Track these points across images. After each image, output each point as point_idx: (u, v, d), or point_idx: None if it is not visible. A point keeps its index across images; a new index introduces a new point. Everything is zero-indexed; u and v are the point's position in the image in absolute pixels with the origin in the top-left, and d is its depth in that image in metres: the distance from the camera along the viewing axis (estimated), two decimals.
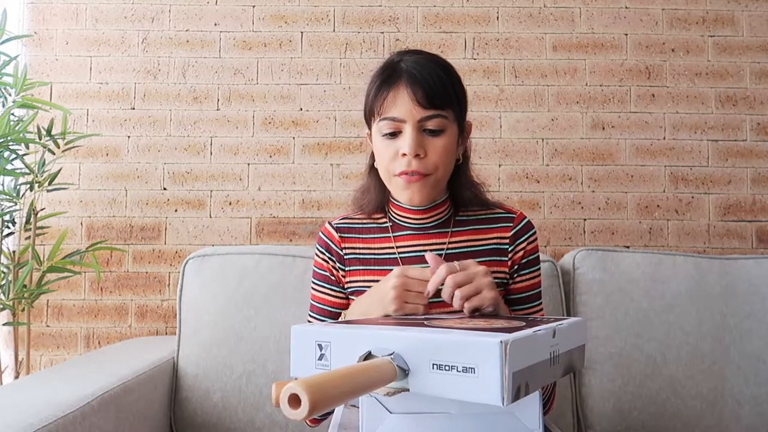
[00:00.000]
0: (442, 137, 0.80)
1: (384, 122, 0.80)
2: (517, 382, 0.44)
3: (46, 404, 0.83)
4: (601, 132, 1.61)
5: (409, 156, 0.78)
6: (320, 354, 0.54)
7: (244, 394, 1.23)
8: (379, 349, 0.50)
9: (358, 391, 0.42)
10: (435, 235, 0.88)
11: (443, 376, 0.46)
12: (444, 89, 0.79)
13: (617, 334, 1.27)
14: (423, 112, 0.78)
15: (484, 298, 0.68)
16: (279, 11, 1.62)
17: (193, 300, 1.29)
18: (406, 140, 0.78)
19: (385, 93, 0.80)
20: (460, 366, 0.45)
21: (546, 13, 1.63)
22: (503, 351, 0.43)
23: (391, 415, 0.56)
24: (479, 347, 0.44)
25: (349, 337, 0.53)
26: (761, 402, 1.24)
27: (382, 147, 0.81)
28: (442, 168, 0.81)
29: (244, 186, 1.59)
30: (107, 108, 1.60)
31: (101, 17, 1.61)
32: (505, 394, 0.43)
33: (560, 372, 0.55)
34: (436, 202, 0.88)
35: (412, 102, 0.78)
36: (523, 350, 0.46)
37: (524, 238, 0.88)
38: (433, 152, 0.79)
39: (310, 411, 0.36)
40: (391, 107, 0.79)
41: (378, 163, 0.85)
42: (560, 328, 0.55)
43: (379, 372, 0.45)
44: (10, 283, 1.36)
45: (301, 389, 0.36)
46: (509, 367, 0.43)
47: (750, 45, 1.62)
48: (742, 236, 1.59)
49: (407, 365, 0.48)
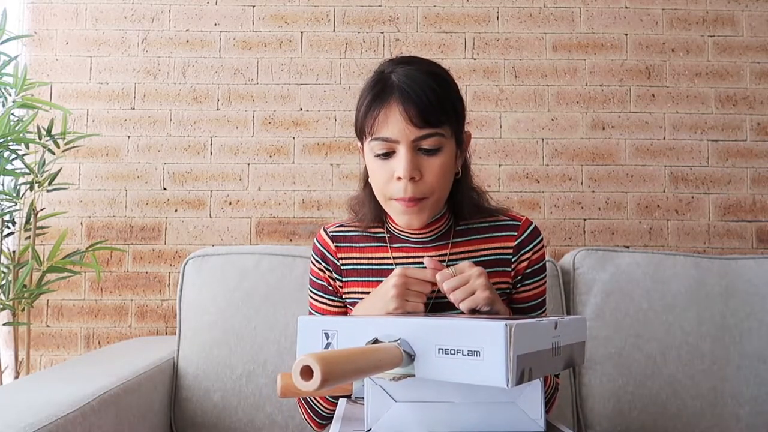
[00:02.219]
0: (439, 156, 0.75)
1: (376, 143, 0.74)
2: (521, 366, 0.46)
3: (46, 404, 0.83)
4: (601, 132, 1.61)
5: (405, 180, 0.73)
6: (327, 342, 0.55)
7: (244, 394, 1.23)
8: (385, 335, 0.51)
9: (368, 370, 0.43)
10: (435, 248, 0.84)
11: (449, 361, 0.47)
12: (439, 105, 0.73)
13: (617, 334, 1.27)
14: (417, 132, 0.72)
15: (478, 298, 0.69)
16: (279, 11, 1.62)
17: (193, 300, 1.29)
18: (401, 163, 0.73)
19: (376, 111, 0.74)
20: (465, 350, 0.46)
21: (546, 13, 1.63)
22: (508, 333, 0.44)
23: (396, 403, 0.57)
24: (485, 330, 0.46)
25: (355, 325, 0.54)
26: (761, 402, 1.24)
27: (375, 168, 0.76)
28: (439, 189, 0.77)
29: (244, 186, 1.59)
30: (107, 108, 1.60)
31: (101, 17, 1.61)
32: (510, 375, 0.44)
33: (561, 364, 0.56)
34: (435, 217, 0.84)
35: (405, 121, 0.72)
36: (527, 335, 0.47)
37: (529, 247, 0.84)
38: (430, 173, 0.74)
39: (322, 382, 0.37)
40: (383, 127, 0.73)
41: (372, 182, 0.80)
42: (562, 321, 0.56)
43: (387, 354, 0.46)
44: (10, 283, 1.36)
45: (314, 360, 0.37)
46: (514, 350, 0.44)
47: (750, 45, 1.62)
48: (742, 236, 1.59)
49: (413, 350, 0.49)
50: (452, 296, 0.70)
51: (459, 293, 0.69)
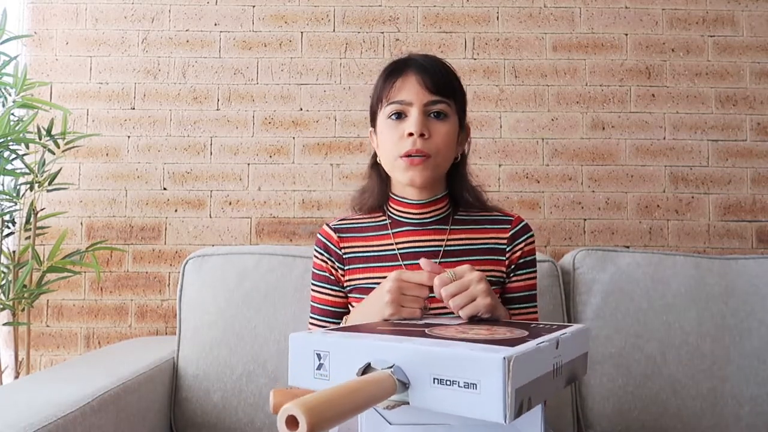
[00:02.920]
0: (446, 123, 0.84)
1: (392, 106, 0.85)
2: (520, 398, 0.43)
3: (46, 404, 0.83)
4: (601, 132, 1.61)
5: (415, 135, 0.82)
6: (319, 364, 0.53)
7: (244, 394, 1.23)
8: (378, 360, 0.49)
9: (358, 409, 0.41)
10: (433, 232, 0.90)
11: (444, 391, 0.45)
12: (449, 80, 0.86)
13: (617, 334, 1.27)
14: (429, 97, 0.83)
15: (479, 305, 0.68)
16: (279, 11, 1.62)
17: (193, 300, 1.29)
18: (412, 120, 0.82)
19: (394, 79, 0.85)
20: (461, 381, 0.44)
21: (546, 13, 1.63)
22: (506, 367, 0.42)
23: (391, 426, 0.55)
24: (482, 363, 0.43)
25: (348, 348, 0.51)
26: (761, 402, 1.24)
27: (387, 130, 0.85)
28: (444, 152, 0.85)
29: (244, 186, 1.59)
30: (107, 108, 1.60)
31: (101, 17, 1.61)
32: (508, 411, 0.42)
33: (563, 383, 0.54)
34: (435, 197, 0.90)
35: (420, 86, 0.83)
36: (527, 365, 0.45)
37: (522, 239, 0.90)
38: (437, 135, 0.83)
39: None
40: (399, 92, 0.84)
41: (382, 148, 0.88)
42: (563, 338, 0.54)
43: (379, 387, 0.44)
44: (10, 283, 1.36)
45: (299, 411, 0.35)
46: (512, 384, 0.42)
47: (750, 45, 1.62)
48: (742, 236, 1.59)
49: (407, 378, 0.47)
50: (452, 302, 0.68)
51: (459, 299, 0.68)
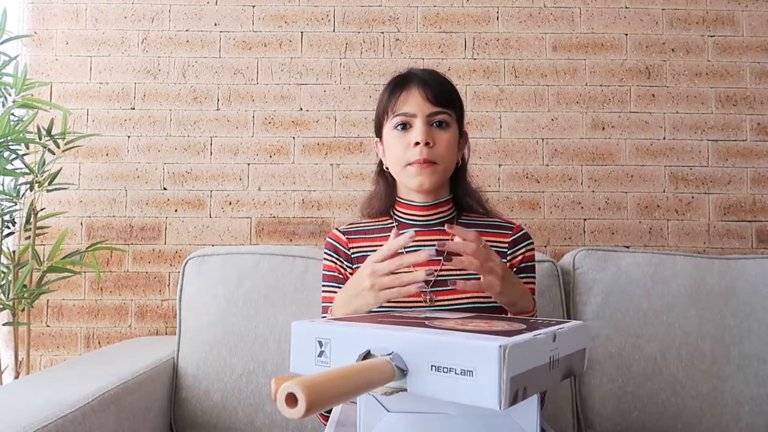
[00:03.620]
0: (448, 131, 0.90)
1: (397, 117, 0.90)
2: (515, 387, 0.44)
3: (46, 404, 0.83)
4: (601, 132, 1.61)
5: (421, 144, 0.87)
6: (320, 351, 0.54)
7: (244, 394, 1.23)
8: (378, 348, 0.50)
9: (356, 391, 0.42)
10: (439, 233, 0.94)
11: (441, 378, 0.46)
12: (449, 92, 0.92)
13: (617, 334, 1.27)
14: (432, 108, 0.89)
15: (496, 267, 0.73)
16: (279, 11, 1.62)
17: (193, 300, 1.29)
18: (417, 130, 0.88)
19: (398, 93, 0.91)
20: (458, 368, 0.45)
21: (546, 13, 1.63)
22: (502, 355, 0.43)
23: (389, 413, 0.56)
24: (478, 350, 0.45)
25: (349, 336, 0.53)
26: (761, 402, 1.24)
27: (394, 140, 0.91)
28: (447, 158, 0.90)
29: (244, 186, 1.59)
30: (107, 108, 1.60)
31: (101, 17, 1.61)
32: (503, 398, 0.43)
33: (559, 377, 0.54)
34: (439, 200, 0.95)
35: (422, 99, 0.89)
36: (523, 354, 0.46)
37: (523, 245, 0.95)
38: (441, 143, 0.89)
39: (306, 411, 0.36)
40: (403, 104, 0.90)
41: (390, 156, 0.93)
42: (561, 332, 0.54)
43: (378, 372, 0.45)
44: (10, 283, 1.36)
45: (298, 389, 0.36)
46: (507, 372, 0.43)
47: (750, 45, 1.62)
48: (742, 236, 1.59)
49: (406, 365, 0.48)
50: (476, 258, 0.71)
51: (482, 254, 0.72)
